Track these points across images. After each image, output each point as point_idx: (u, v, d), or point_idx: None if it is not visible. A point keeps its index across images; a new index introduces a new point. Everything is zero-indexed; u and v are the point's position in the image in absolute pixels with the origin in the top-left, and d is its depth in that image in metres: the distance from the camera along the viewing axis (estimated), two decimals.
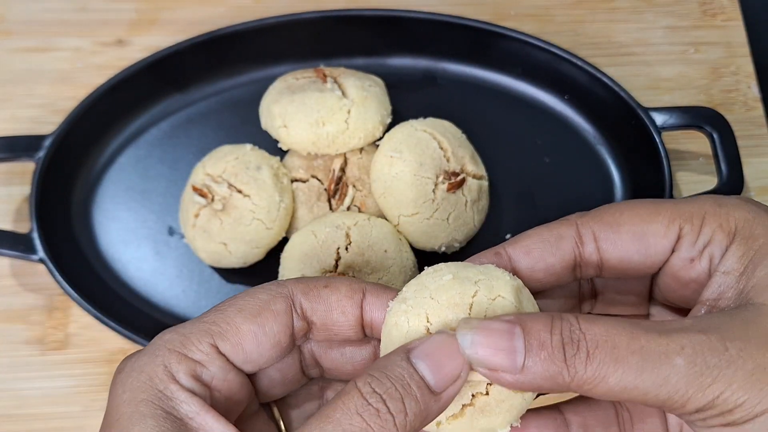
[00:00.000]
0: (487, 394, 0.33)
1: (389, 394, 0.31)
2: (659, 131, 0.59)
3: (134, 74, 0.62)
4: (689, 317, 0.35)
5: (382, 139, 0.58)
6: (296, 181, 0.59)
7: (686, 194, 0.62)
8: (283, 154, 0.61)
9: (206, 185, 0.57)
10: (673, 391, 0.30)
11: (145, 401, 0.32)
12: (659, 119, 0.60)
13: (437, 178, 0.56)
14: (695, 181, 0.63)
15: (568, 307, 0.42)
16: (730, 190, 0.57)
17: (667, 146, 0.59)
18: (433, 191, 0.56)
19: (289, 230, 0.59)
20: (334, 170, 0.59)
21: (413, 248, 0.57)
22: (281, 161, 0.60)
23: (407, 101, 0.63)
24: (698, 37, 0.68)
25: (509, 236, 0.55)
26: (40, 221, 0.57)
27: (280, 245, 0.58)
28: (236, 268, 0.58)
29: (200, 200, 0.57)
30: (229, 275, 0.59)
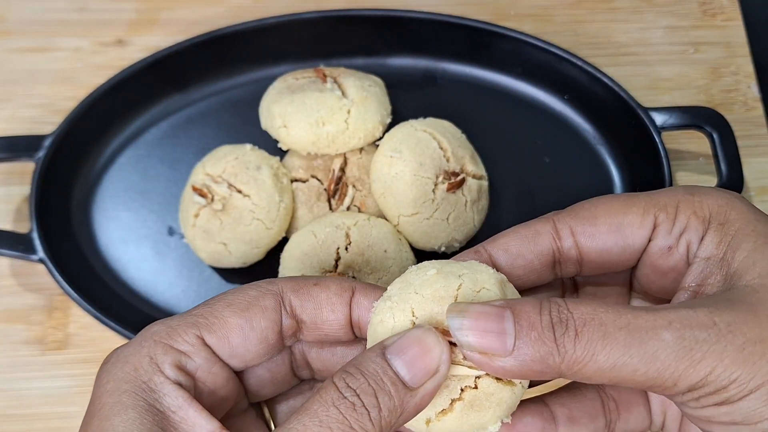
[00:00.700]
0: (475, 387, 0.33)
1: (362, 389, 0.31)
2: (659, 131, 0.59)
3: (134, 74, 0.62)
4: (672, 302, 0.35)
5: (381, 139, 0.58)
6: (296, 181, 0.59)
7: None
8: (283, 154, 0.61)
9: (206, 185, 0.57)
10: (662, 367, 0.30)
11: (128, 392, 0.33)
12: (659, 119, 0.60)
13: (437, 178, 0.56)
14: (695, 181, 0.63)
15: None
16: (729, 189, 0.57)
17: (667, 146, 0.59)
18: (432, 191, 0.56)
19: (289, 230, 0.59)
20: (333, 170, 0.59)
21: (413, 248, 0.57)
22: (281, 161, 0.60)
23: (407, 101, 0.63)
24: (698, 37, 0.68)
25: None
26: (39, 221, 0.57)
27: (280, 245, 0.57)
28: (236, 268, 0.58)
29: (200, 200, 0.57)
30: (229, 275, 0.59)
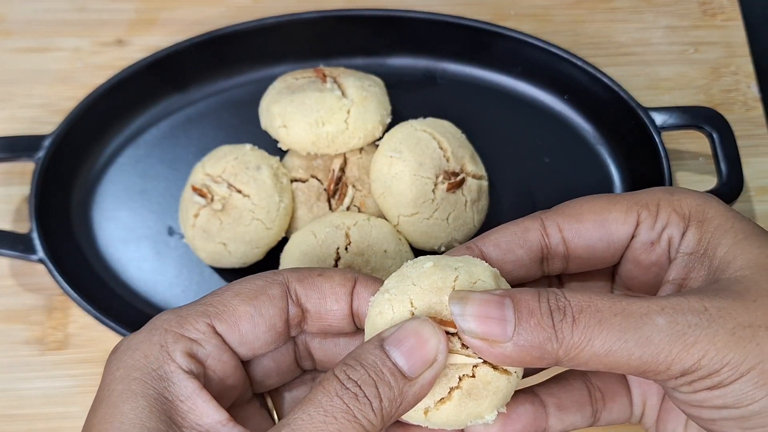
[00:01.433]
0: (473, 376, 0.34)
1: (363, 380, 0.31)
2: (659, 131, 0.59)
3: (134, 74, 0.62)
4: (659, 294, 0.36)
5: (381, 139, 0.58)
6: (296, 181, 0.59)
7: None
8: (282, 154, 0.61)
9: (206, 185, 0.57)
10: (656, 351, 0.31)
11: (137, 379, 0.33)
12: (659, 119, 0.60)
13: (437, 178, 0.56)
14: (695, 180, 0.63)
15: None
16: (729, 190, 0.57)
17: (666, 146, 0.59)
18: (432, 191, 0.56)
19: (288, 230, 0.59)
20: (333, 170, 0.58)
21: (413, 248, 0.57)
22: (281, 161, 0.60)
23: (407, 101, 0.63)
24: (698, 37, 0.68)
25: None
26: (39, 221, 0.57)
27: (279, 245, 0.57)
28: (236, 268, 0.58)
29: (200, 200, 0.57)
30: (229, 275, 0.59)
